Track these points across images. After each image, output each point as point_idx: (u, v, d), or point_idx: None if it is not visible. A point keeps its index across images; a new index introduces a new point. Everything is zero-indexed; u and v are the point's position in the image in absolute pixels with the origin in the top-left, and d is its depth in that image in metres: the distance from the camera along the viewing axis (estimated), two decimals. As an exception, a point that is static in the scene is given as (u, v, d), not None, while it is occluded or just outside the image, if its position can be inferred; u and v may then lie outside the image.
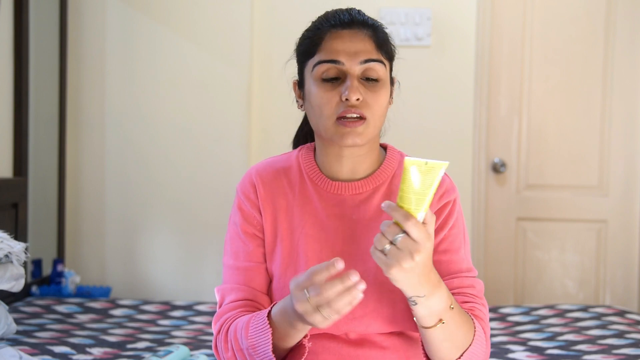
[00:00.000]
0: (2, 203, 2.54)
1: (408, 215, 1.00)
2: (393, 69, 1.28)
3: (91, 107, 3.05)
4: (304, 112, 1.32)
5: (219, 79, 3.04)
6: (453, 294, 1.18)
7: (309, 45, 1.24)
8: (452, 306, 1.10)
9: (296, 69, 1.31)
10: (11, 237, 1.99)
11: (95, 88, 3.04)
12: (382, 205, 1.03)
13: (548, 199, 3.28)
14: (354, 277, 1.01)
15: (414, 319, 1.13)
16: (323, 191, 1.26)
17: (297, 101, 1.30)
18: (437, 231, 1.22)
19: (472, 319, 1.16)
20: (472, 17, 3.14)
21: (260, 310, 1.22)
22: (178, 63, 3.03)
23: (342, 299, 1.01)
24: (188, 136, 3.04)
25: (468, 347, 1.14)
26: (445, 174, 1.22)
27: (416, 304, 1.07)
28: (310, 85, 1.22)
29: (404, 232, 1.00)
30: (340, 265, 1.01)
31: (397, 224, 1.01)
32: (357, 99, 1.17)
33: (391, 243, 1.01)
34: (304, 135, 1.42)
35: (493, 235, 3.27)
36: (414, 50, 3.11)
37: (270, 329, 1.12)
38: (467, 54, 3.14)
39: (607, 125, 3.24)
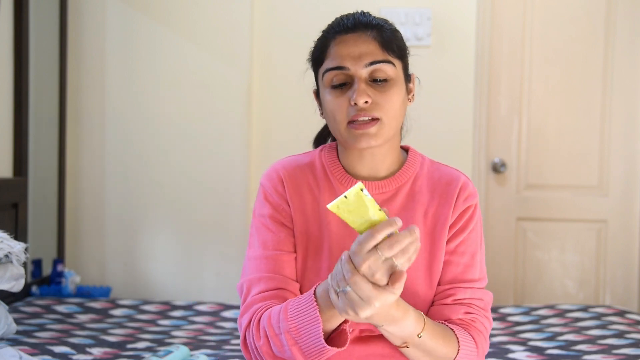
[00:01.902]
0: (2, 203, 2.54)
1: (354, 271, 0.97)
2: (409, 65, 1.29)
3: (91, 107, 3.05)
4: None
5: (219, 79, 3.04)
6: (462, 303, 1.22)
7: (318, 54, 1.25)
8: (420, 335, 1.11)
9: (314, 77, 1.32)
10: (11, 237, 1.99)
11: (95, 88, 3.05)
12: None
13: (548, 199, 3.28)
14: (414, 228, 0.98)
15: None
16: (346, 189, 1.26)
17: (318, 109, 1.30)
18: (458, 233, 1.25)
19: (457, 340, 1.17)
20: (472, 17, 3.14)
21: None
22: (178, 63, 3.03)
23: (412, 246, 0.97)
24: (188, 136, 3.04)
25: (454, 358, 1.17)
26: (467, 178, 1.28)
27: (377, 326, 1.10)
28: (324, 92, 1.23)
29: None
30: (399, 222, 0.97)
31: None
32: (366, 102, 1.17)
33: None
34: (325, 135, 1.42)
35: (493, 235, 3.27)
36: (414, 50, 3.07)
37: (318, 307, 1.08)
38: (467, 54, 3.14)
39: (607, 125, 3.24)
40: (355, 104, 1.17)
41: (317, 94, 1.30)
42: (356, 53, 1.19)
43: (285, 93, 3.07)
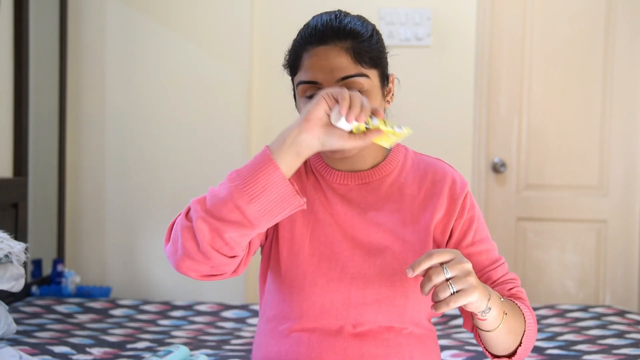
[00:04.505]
0: (2, 203, 2.54)
1: (431, 255, 1.04)
2: (388, 67, 1.27)
3: (91, 107, 3.05)
4: None
5: (219, 79, 3.04)
6: (501, 282, 1.26)
7: (292, 62, 1.24)
8: (502, 299, 1.16)
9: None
10: (11, 237, 1.99)
11: (95, 88, 3.04)
12: (407, 273, 1.06)
13: (548, 199, 3.28)
14: None
15: (479, 327, 1.16)
16: (330, 181, 1.28)
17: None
18: (469, 225, 1.28)
19: (516, 303, 1.22)
20: (472, 17, 3.14)
21: None
22: (178, 63, 3.03)
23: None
24: (188, 136, 3.04)
25: (524, 332, 1.21)
26: (453, 168, 1.31)
27: (488, 311, 1.11)
28: (299, 100, 1.24)
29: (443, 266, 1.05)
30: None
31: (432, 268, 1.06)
32: None
33: (446, 280, 1.04)
34: None
35: (493, 235, 3.22)
36: (414, 50, 3.11)
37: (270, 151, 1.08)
38: (467, 54, 3.14)
39: (607, 125, 3.24)
40: None
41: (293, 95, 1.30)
42: (328, 67, 1.17)
43: (285, 93, 3.07)
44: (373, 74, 1.21)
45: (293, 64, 1.24)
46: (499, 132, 3.27)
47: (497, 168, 3.25)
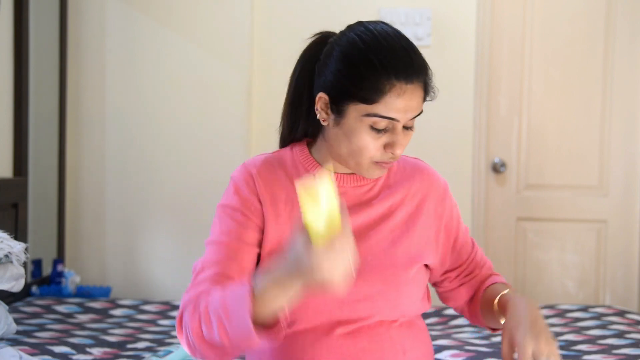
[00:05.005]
0: (2, 203, 2.54)
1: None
2: None
3: (91, 107, 3.05)
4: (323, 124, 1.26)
5: (219, 79, 3.04)
6: (481, 266, 1.39)
7: (368, 91, 1.14)
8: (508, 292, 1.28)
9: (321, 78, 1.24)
10: (11, 237, 1.99)
11: (95, 88, 3.04)
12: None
13: (548, 199, 3.28)
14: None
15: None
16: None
17: (318, 112, 1.23)
18: (454, 219, 1.35)
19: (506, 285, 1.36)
20: (472, 17, 3.14)
21: None
22: (178, 63, 3.03)
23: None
24: (188, 137, 3.04)
25: None
26: (429, 166, 1.36)
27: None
28: (355, 124, 1.18)
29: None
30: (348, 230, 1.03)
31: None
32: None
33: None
34: (292, 139, 1.37)
35: (493, 235, 3.27)
36: (414, 50, 3.11)
37: (249, 287, 1.06)
38: (467, 54, 3.14)
39: (607, 125, 3.24)
40: (393, 153, 1.18)
41: (331, 105, 1.21)
42: (410, 109, 1.17)
43: (285, 93, 3.07)
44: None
45: (369, 94, 1.15)
46: (499, 132, 3.27)
47: (497, 168, 3.25)
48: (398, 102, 1.15)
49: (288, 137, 1.36)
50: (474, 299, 1.38)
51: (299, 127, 1.33)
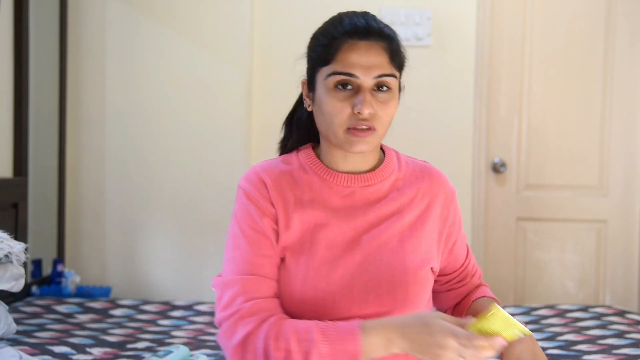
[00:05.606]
0: (2, 203, 2.54)
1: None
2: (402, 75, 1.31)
3: (91, 107, 3.05)
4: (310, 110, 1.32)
5: (219, 79, 3.04)
6: (472, 274, 1.44)
7: (323, 53, 1.23)
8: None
9: (304, 67, 1.31)
10: (11, 237, 1.99)
11: (95, 88, 3.04)
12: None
13: (548, 199, 3.28)
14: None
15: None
16: (332, 184, 1.28)
17: (304, 100, 1.31)
18: (457, 225, 1.37)
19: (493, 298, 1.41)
20: (472, 17, 3.14)
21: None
22: (178, 63, 3.03)
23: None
24: (188, 136, 3.04)
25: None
26: (439, 171, 1.38)
27: None
28: (322, 92, 1.23)
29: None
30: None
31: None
32: (369, 112, 1.19)
33: None
34: (294, 142, 1.40)
35: (493, 235, 3.27)
36: (414, 50, 3.11)
37: (360, 335, 1.13)
38: (467, 54, 3.15)
39: (607, 125, 3.24)
40: (359, 113, 1.19)
41: (308, 85, 1.29)
42: (367, 63, 1.19)
43: (285, 93, 3.06)
44: (398, 77, 1.26)
45: (324, 55, 1.22)
46: (499, 132, 3.27)
47: (497, 168, 3.25)
48: (352, 57, 1.20)
49: (287, 145, 1.41)
50: (459, 307, 1.42)
51: (300, 133, 1.39)
